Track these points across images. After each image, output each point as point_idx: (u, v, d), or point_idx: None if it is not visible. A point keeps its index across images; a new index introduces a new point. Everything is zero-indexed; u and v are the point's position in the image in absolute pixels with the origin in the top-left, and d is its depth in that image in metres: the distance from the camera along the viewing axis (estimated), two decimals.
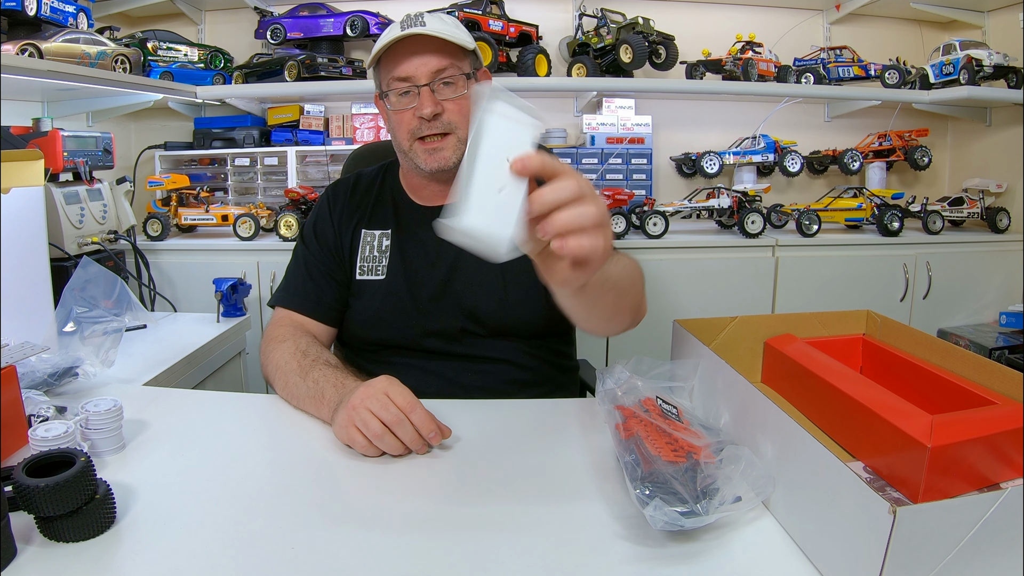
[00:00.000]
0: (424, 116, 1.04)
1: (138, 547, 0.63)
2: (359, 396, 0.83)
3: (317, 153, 2.41)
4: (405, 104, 1.06)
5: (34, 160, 1.13)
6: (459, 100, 1.07)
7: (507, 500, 0.73)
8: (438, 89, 1.05)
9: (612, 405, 0.81)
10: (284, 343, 1.05)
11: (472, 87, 1.08)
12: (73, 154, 1.68)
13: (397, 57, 1.05)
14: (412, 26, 1.03)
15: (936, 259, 2.25)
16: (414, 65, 1.04)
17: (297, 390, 0.96)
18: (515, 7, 2.51)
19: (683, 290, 2.14)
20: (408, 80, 1.05)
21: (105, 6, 2.32)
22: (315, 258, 1.17)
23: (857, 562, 0.53)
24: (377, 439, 0.80)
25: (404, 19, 1.05)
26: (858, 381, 0.83)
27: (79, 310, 1.26)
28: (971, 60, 2.31)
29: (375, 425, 0.80)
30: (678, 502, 0.62)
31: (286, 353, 1.02)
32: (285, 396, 0.99)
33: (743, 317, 1.03)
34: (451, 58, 1.05)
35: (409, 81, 1.05)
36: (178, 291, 2.04)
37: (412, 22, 1.04)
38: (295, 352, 1.01)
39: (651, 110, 2.51)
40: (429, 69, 1.04)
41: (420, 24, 1.03)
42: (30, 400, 0.87)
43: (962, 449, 0.67)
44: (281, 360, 1.01)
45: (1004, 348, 2.14)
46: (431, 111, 1.04)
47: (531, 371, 1.14)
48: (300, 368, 0.98)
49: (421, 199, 1.18)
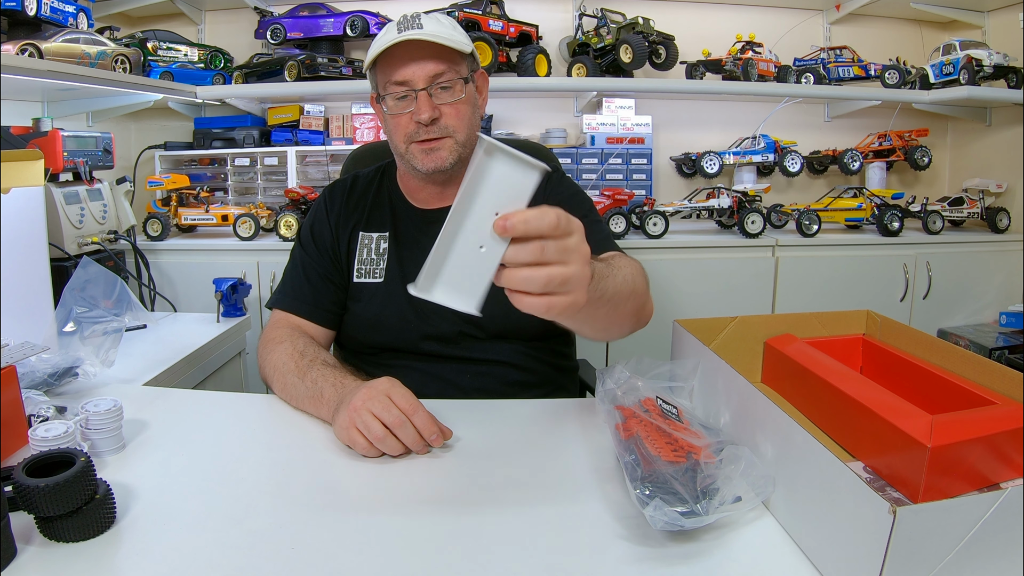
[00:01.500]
0: (421, 121, 1.04)
1: (138, 547, 0.63)
2: (361, 397, 0.82)
3: (317, 153, 2.41)
4: (402, 108, 1.06)
5: (34, 160, 1.13)
6: (456, 104, 1.06)
7: (507, 500, 0.73)
8: (435, 93, 1.05)
9: (612, 405, 0.81)
10: (281, 344, 1.05)
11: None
12: (73, 154, 1.68)
13: (394, 61, 1.04)
14: (409, 28, 1.02)
15: (936, 259, 2.25)
16: (411, 70, 1.03)
17: (296, 391, 0.96)
18: (515, 7, 2.51)
19: (683, 290, 2.14)
20: (405, 84, 1.04)
21: (105, 6, 2.32)
22: (312, 260, 1.17)
23: (857, 562, 0.53)
24: (379, 442, 0.80)
25: (401, 21, 1.04)
26: (858, 381, 0.83)
27: (79, 310, 1.26)
28: (971, 60, 2.31)
29: (377, 428, 0.80)
30: (678, 502, 0.62)
31: (283, 354, 1.02)
32: (284, 397, 0.99)
33: (743, 317, 1.03)
34: (449, 62, 1.05)
35: (406, 85, 1.04)
36: (178, 291, 2.04)
37: (409, 24, 1.03)
38: (292, 353, 1.01)
39: (651, 110, 2.52)
40: (426, 74, 1.03)
41: (417, 27, 1.02)
42: (30, 400, 0.87)
43: (962, 449, 0.67)
44: (279, 361, 1.01)
45: (1004, 348, 2.14)
46: (428, 116, 1.03)
47: (530, 372, 1.14)
48: (298, 368, 0.97)
49: (418, 202, 1.18)
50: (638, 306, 0.96)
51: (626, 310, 0.92)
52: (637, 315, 0.97)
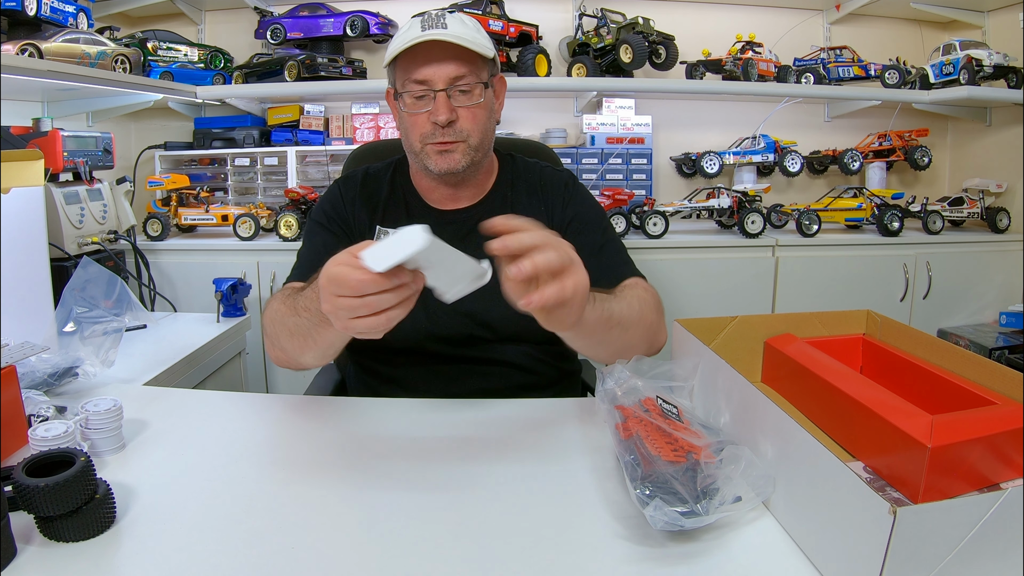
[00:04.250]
0: (439, 123, 1.03)
1: (138, 547, 0.63)
2: (321, 285, 0.73)
3: (317, 153, 2.41)
4: (420, 107, 1.05)
5: (34, 160, 1.13)
6: (474, 108, 1.05)
7: (507, 500, 0.73)
8: (454, 96, 1.04)
9: (612, 405, 0.81)
10: (275, 300, 1.00)
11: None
12: (73, 154, 1.68)
13: (416, 59, 1.03)
14: (433, 27, 1.00)
15: (936, 259, 2.25)
16: (432, 69, 1.02)
17: (297, 327, 0.90)
18: (515, 7, 2.51)
19: (683, 290, 2.14)
20: (425, 84, 1.03)
21: (105, 6, 2.32)
22: (330, 238, 1.12)
23: (857, 562, 0.53)
24: (366, 306, 0.70)
25: (425, 18, 1.03)
26: (858, 381, 0.83)
27: (79, 310, 1.26)
28: (971, 60, 2.31)
29: (353, 301, 0.70)
30: (678, 502, 0.62)
31: (276, 303, 0.98)
32: (292, 344, 0.93)
33: (743, 317, 1.03)
34: (470, 65, 1.04)
35: (426, 85, 1.03)
36: (178, 291, 2.04)
37: (433, 23, 1.01)
38: (283, 300, 0.97)
39: (651, 110, 2.51)
40: (447, 75, 1.02)
41: (442, 26, 1.01)
42: (30, 400, 0.87)
43: (962, 449, 0.67)
44: (276, 315, 0.97)
45: (1004, 348, 2.14)
46: (446, 118, 1.03)
47: (535, 374, 1.14)
48: (290, 310, 0.92)
49: (432, 201, 1.17)
50: (649, 333, 0.99)
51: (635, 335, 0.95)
52: (648, 342, 1.00)
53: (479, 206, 1.16)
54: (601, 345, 0.93)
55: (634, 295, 1.00)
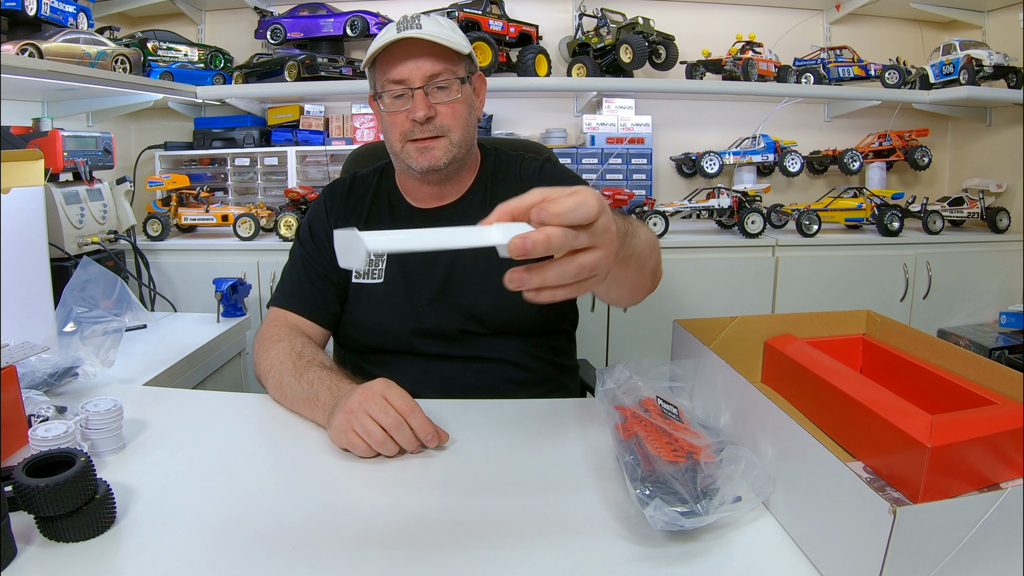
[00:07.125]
0: (417, 119, 1.04)
1: (138, 547, 0.63)
2: (357, 400, 0.82)
3: (317, 153, 2.41)
4: (399, 106, 1.06)
5: (34, 160, 1.13)
6: (452, 104, 1.07)
7: (507, 500, 0.73)
8: (432, 92, 1.06)
9: (612, 405, 0.81)
10: (279, 343, 1.04)
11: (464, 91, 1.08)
12: (73, 154, 1.68)
13: (392, 59, 1.05)
14: (408, 28, 1.03)
15: (936, 259, 2.25)
16: (408, 68, 1.04)
17: (291, 391, 0.95)
18: (515, 7, 2.51)
19: (683, 290, 2.14)
20: (402, 83, 1.05)
21: (105, 6, 2.32)
22: (312, 259, 1.16)
23: (857, 562, 0.53)
24: (379, 445, 0.80)
25: (400, 21, 1.05)
26: (858, 381, 0.83)
27: (79, 310, 1.26)
28: (971, 60, 2.31)
29: (376, 431, 0.79)
30: (678, 502, 0.62)
31: (281, 353, 1.01)
32: (278, 397, 0.98)
33: (743, 317, 1.03)
34: (446, 62, 1.06)
35: (403, 84, 1.05)
36: (178, 291, 2.04)
37: (408, 24, 1.04)
38: (290, 353, 1.01)
39: (651, 110, 2.51)
40: (423, 73, 1.04)
41: (416, 27, 1.03)
42: (30, 400, 0.87)
43: (962, 449, 0.67)
44: (276, 360, 1.01)
45: (1004, 348, 2.14)
46: (424, 114, 1.04)
47: (531, 371, 1.14)
48: (295, 369, 0.97)
49: (417, 201, 1.18)
50: (655, 265, 0.93)
51: (649, 268, 0.89)
52: (655, 275, 0.94)
53: (460, 203, 1.17)
54: (621, 283, 0.86)
55: (640, 229, 0.90)
